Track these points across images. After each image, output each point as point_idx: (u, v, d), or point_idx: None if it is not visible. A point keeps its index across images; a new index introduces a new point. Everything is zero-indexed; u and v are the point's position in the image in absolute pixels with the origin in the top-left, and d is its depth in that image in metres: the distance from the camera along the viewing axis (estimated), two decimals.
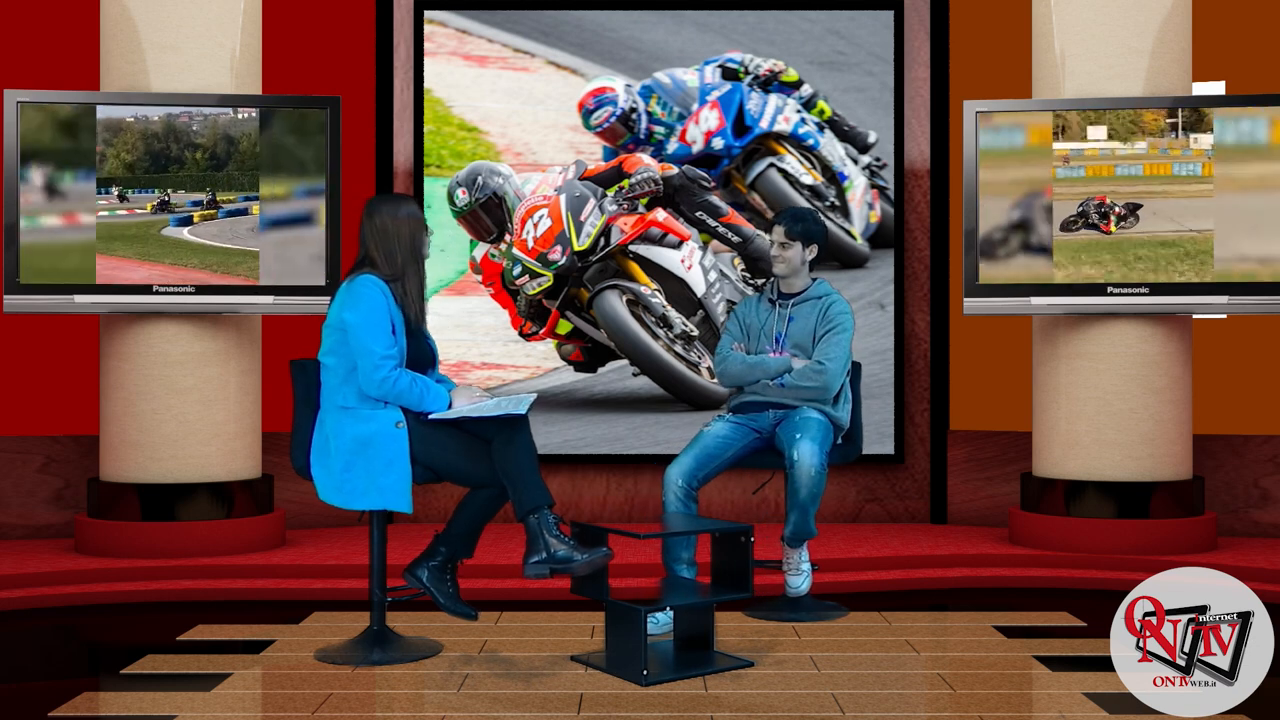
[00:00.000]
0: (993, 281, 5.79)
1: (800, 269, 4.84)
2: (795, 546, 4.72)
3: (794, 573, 4.74)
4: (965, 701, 3.73)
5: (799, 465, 4.55)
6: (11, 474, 6.21)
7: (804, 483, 4.56)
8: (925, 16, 6.73)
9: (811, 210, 4.90)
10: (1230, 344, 6.27)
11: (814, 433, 4.62)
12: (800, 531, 4.65)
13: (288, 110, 5.70)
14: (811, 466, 4.55)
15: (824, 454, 4.61)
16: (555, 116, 6.16)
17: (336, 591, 5.18)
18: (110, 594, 5.14)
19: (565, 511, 6.51)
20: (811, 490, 4.57)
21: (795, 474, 4.56)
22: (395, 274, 4.12)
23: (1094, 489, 5.75)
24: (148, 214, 5.54)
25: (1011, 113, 5.84)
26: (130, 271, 5.51)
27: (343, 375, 4.06)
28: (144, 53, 5.62)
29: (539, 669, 4.06)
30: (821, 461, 4.57)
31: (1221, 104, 5.70)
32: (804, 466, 4.55)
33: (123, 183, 5.51)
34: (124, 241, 5.54)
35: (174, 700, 3.72)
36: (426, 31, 6.62)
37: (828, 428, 4.71)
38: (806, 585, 4.75)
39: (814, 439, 4.60)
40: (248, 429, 5.81)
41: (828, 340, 4.73)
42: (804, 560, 4.76)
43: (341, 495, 4.05)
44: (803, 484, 4.56)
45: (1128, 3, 5.72)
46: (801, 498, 4.57)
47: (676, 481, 4.63)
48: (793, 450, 4.58)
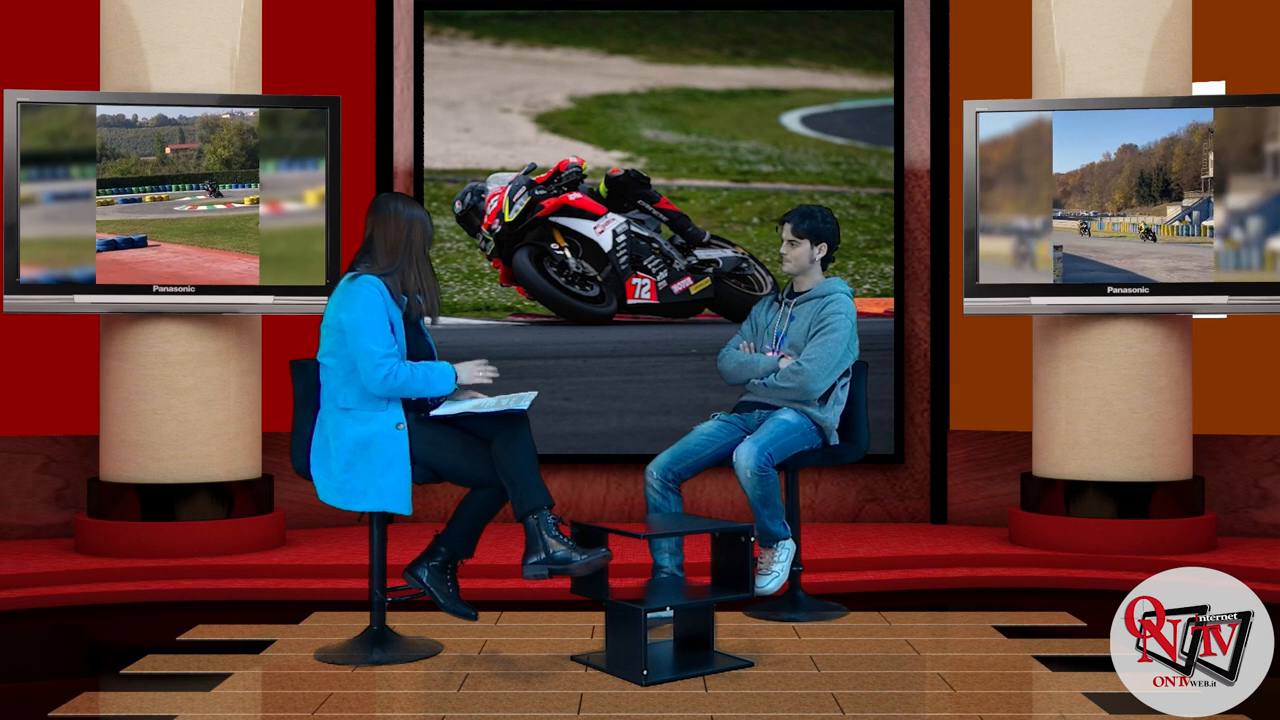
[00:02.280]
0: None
1: (810, 267, 4.80)
2: (765, 546, 4.63)
3: (762, 572, 4.56)
4: (965, 701, 3.73)
5: (735, 467, 4.52)
6: (11, 474, 6.21)
7: (743, 484, 4.52)
8: (925, 16, 6.73)
9: (821, 208, 4.85)
10: (1230, 344, 6.27)
11: (763, 433, 4.56)
12: (761, 531, 4.55)
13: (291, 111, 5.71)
14: (746, 469, 4.49)
15: (764, 454, 4.50)
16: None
17: (336, 591, 5.17)
18: (110, 594, 5.14)
19: (565, 511, 6.51)
20: (753, 491, 4.50)
21: (737, 476, 4.53)
22: (393, 267, 4.12)
23: (1094, 489, 5.75)
24: (245, 208, 5.67)
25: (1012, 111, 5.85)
26: (231, 264, 5.67)
27: (342, 376, 4.06)
28: (144, 53, 5.62)
29: (539, 669, 4.06)
30: (759, 463, 4.48)
31: (1221, 104, 5.70)
32: (739, 468, 4.51)
33: (219, 178, 5.65)
34: (222, 235, 5.66)
35: (174, 700, 3.72)
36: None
37: (791, 428, 4.62)
38: (773, 586, 4.55)
39: (757, 440, 4.53)
40: (248, 429, 5.81)
41: (815, 341, 4.67)
42: (775, 560, 4.60)
43: (341, 496, 4.05)
44: (743, 486, 4.52)
45: (1128, 3, 5.72)
46: (750, 500, 4.54)
47: (652, 474, 4.64)
48: (736, 452, 4.54)
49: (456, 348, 6.42)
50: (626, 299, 6.70)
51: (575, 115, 6.91)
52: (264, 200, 5.70)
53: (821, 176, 6.80)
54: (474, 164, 6.80)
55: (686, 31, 6.95)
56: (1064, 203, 5.81)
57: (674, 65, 6.95)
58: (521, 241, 6.64)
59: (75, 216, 5.59)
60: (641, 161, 6.83)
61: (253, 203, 5.64)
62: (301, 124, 5.68)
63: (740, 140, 6.87)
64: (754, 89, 6.93)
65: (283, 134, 5.71)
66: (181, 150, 5.63)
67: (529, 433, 4.06)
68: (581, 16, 6.94)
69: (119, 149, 5.61)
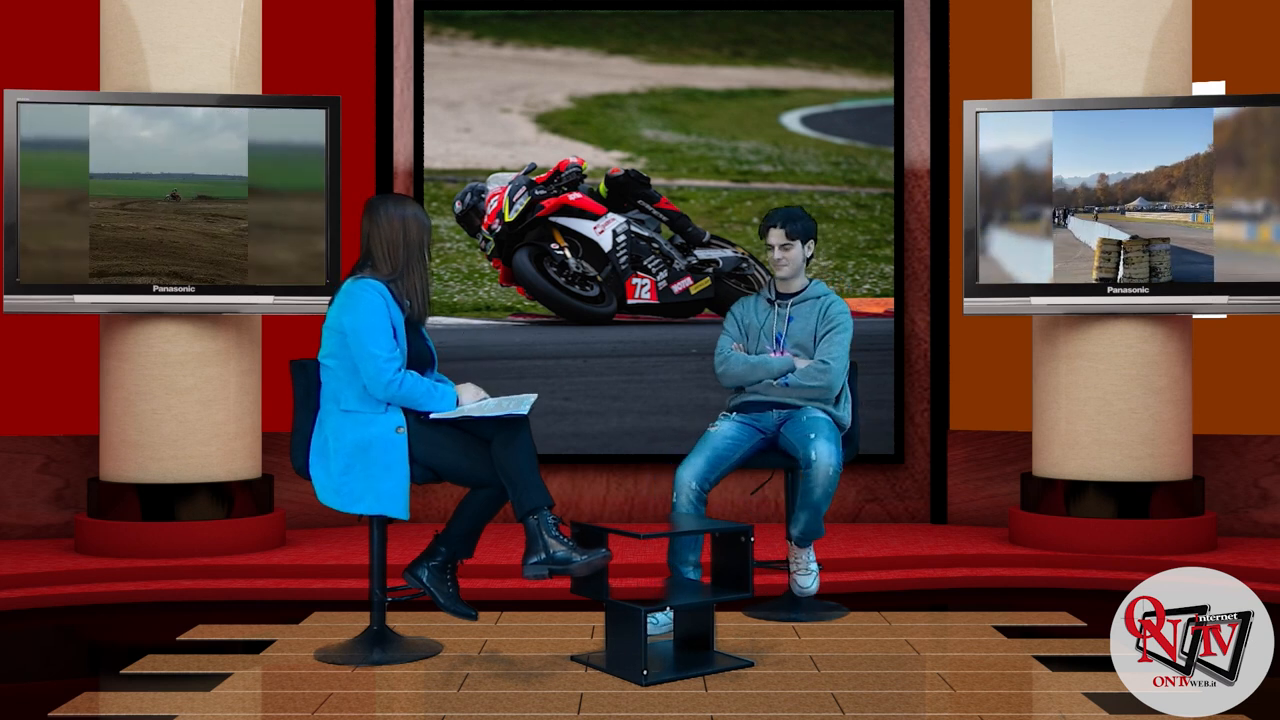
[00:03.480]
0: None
1: (801, 268, 4.83)
2: (804, 546, 4.71)
3: (803, 573, 4.72)
4: (965, 701, 3.73)
5: (817, 465, 4.54)
6: (11, 474, 6.21)
7: (820, 482, 4.55)
8: (925, 16, 6.73)
9: (800, 207, 4.91)
10: (1230, 344, 6.27)
11: (827, 432, 4.62)
12: (810, 531, 4.64)
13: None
14: (830, 466, 4.55)
15: (840, 454, 4.61)
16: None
17: (336, 591, 5.18)
18: (110, 594, 5.14)
19: (565, 511, 6.51)
20: (827, 490, 4.57)
21: (812, 473, 4.55)
22: (396, 272, 4.11)
23: (1094, 489, 5.75)
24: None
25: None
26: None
27: (343, 377, 4.06)
28: (144, 53, 5.62)
29: (539, 669, 4.06)
30: (839, 461, 4.58)
31: (1222, 104, 5.70)
32: (822, 466, 4.54)
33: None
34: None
35: (174, 700, 3.72)
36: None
37: (833, 426, 4.71)
38: (815, 585, 4.73)
39: (829, 439, 4.60)
40: (248, 429, 5.81)
41: (829, 340, 4.73)
42: (811, 560, 4.74)
43: (340, 498, 4.05)
44: (819, 483, 4.55)
45: (1128, 3, 5.72)
46: (815, 497, 4.57)
47: (690, 484, 4.60)
48: (809, 450, 4.56)
49: (456, 347, 6.44)
50: (626, 299, 6.70)
51: (575, 115, 6.91)
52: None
53: (821, 176, 6.80)
54: (474, 164, 6.80)
55: (686, 31, 6.95)
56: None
57: (674, 65, 6.95)
58: (521, 241, 6.66)
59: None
60: (641, 161, 6.83)
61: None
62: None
63: (740, 140, 6.87)
64: (754, 89, 6.93)
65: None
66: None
67: (529, 433, 4.06)
68: (581, 16, 6.94)
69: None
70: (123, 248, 5.60)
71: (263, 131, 5.68)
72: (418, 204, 4.25)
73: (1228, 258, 5.65)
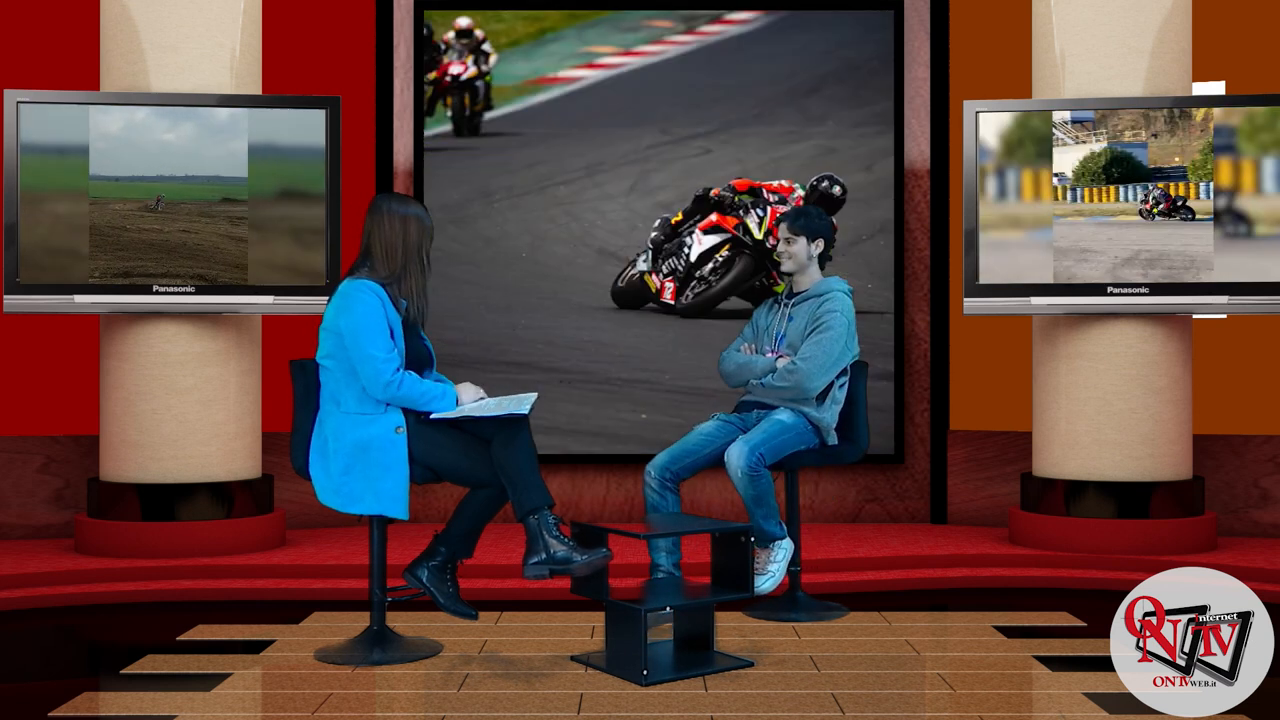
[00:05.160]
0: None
1: (807, 265, 4.82)
2: (761, 547, 4.62)
3: (759, 572, 4.55)
4: (965, 701, 3.73)
5: (726, 466, 4.54)
6: (11, 474, 6.21)
7: (735, 484, 4.54)
8: (925, 16, 6.73)
9: (816, 207, 4.92)
10: (1230, 344, 6.27)
11: (756, 433, 4.58)
12: (755, 532, 4.53)
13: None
14: (737, 468, 4.50)
15: (755, 454, 4.51)
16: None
17: (336, 591, 5.18)
18: (110, 594, 5.14)
19: (565, 511, 6.51)
20: (745, 491, 4.52)
21: (729, 476, 4.55)
22: (393, 272, 4.11)
23: (1094, 489, 5.75)
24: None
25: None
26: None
27: (342, 378, 4.06)
28: (144, 53, 5.62)
29: (539, 669, 4.06)
30: (749, 463, 4.49)
31: (1222, 104, 5.70)
32: (730, 467, 4.53)
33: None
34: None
35: (174, 700, 3.72)
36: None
37: (786, 428, 4.63)
38: (769, 586, 4.54)
39: (749, 440, 4.55)
40: (248, 429, 5.81)
41: (811, 339, 4.68)
42: (771, 561, 4.59)
43: (339, 498, 4.05)
44: (735, 485, 4.55)
45: (1128, 3, 5.72)
46: (742, 500, 4.56)
47: (650, 474, 4.66)
48: (728, 450, 4.56)
49: (456, 346, 6.43)
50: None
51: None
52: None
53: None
54: None
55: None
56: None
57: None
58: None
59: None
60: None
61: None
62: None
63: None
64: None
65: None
66: None
67: (529, 433, 4.06)
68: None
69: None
70: (123, 248, 5.59)
71: (263, 131, 5.68)
72: (422, 205, 4.25)
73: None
